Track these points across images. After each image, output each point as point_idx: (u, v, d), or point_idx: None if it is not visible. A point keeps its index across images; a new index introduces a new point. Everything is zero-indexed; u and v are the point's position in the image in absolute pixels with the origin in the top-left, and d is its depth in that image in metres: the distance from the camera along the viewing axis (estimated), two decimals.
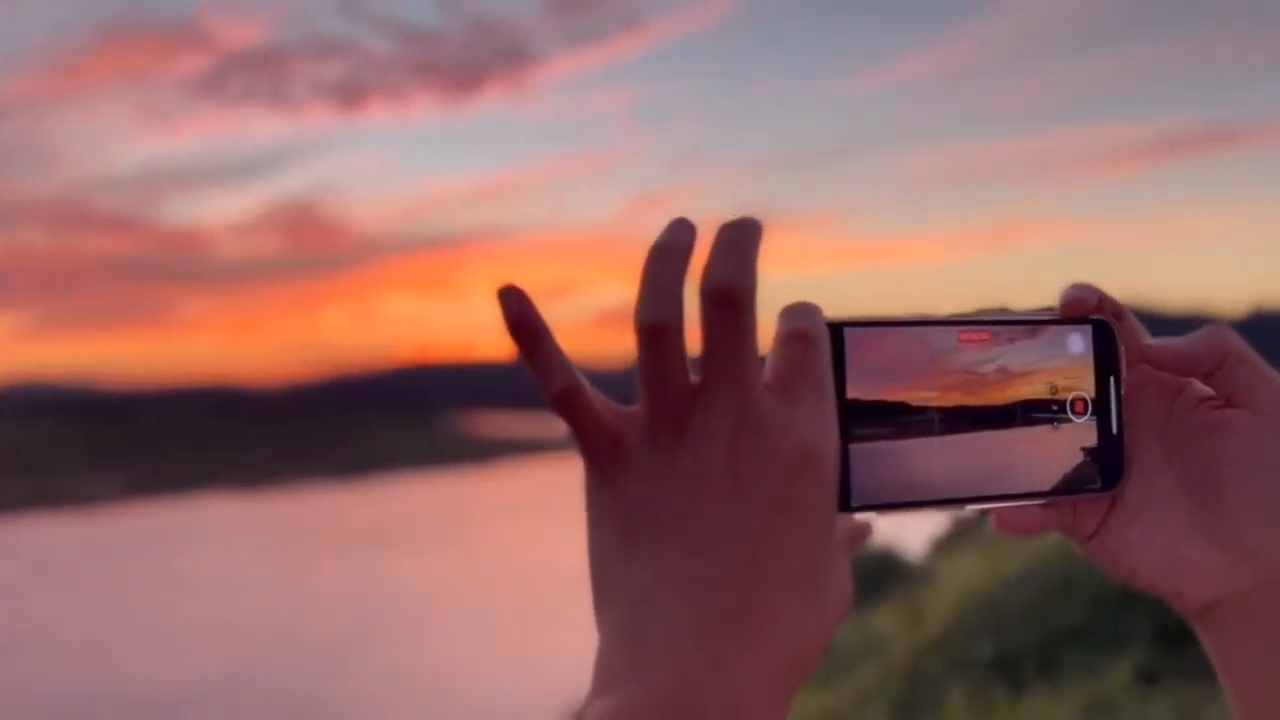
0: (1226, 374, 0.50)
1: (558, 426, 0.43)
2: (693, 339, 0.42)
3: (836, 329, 0.46)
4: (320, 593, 17.88)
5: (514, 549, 22.04)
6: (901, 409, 0.47)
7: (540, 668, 12.70)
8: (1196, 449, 0.50)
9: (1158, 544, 0.50)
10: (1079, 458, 0.50)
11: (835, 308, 0.46)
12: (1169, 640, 8.41)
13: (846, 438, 0.46)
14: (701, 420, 0.42)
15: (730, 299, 0.41)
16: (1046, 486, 0.50)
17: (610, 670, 0.41)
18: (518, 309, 0.42)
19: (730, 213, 0.43)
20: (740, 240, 0.42)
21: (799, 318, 0.44)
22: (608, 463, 0.43)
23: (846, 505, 0.46)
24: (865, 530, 0.48)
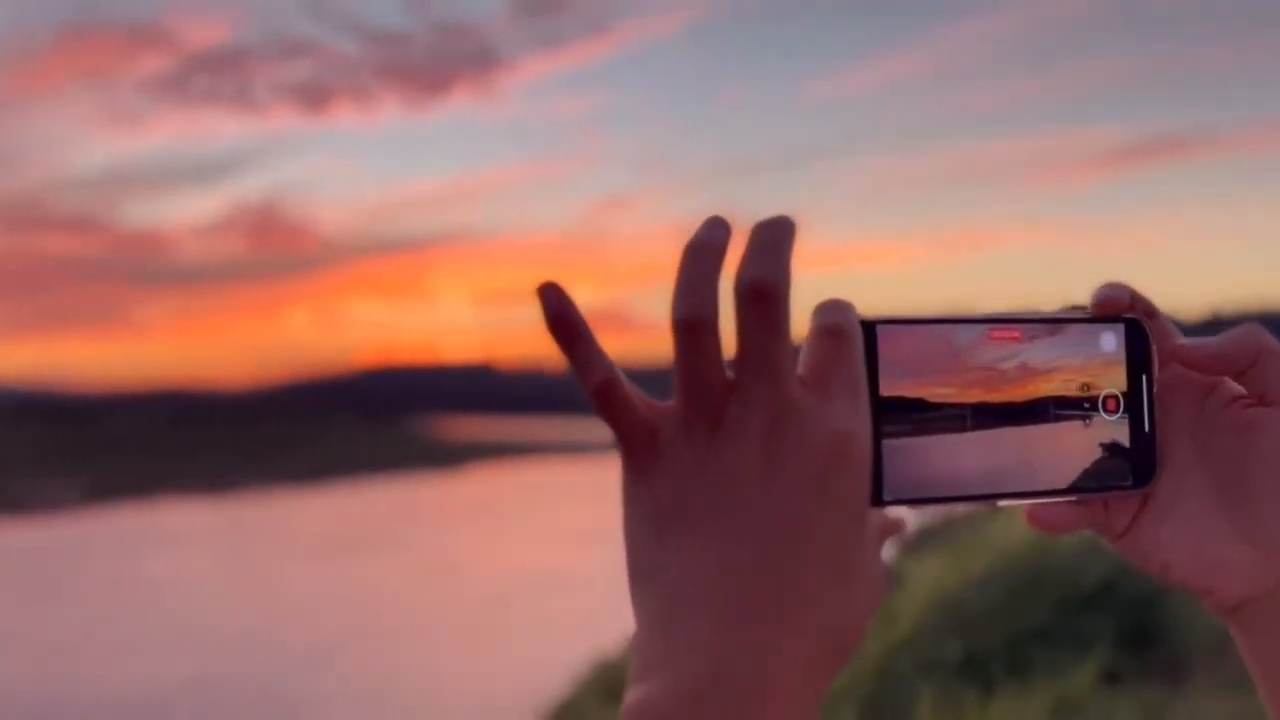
0: (1259, 372, 0.50)
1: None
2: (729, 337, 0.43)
3: (869, 326, 0.47)
4: (289, 597, 17.73)
5: (482, 554, 21.94)
6: (933, 405, 0.47)
7: (510, 672, 12.65)
8: (1228, 447, 0.50)
9: (1189, 541, 0.51)
10: (1111, 455, 0.51)
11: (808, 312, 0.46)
12: (1133, 641, 8.51)
13: (879, 433, 0.46)
14: (737, 414, 0.43)
15: (764, 295, 0.42)
16: (1077, 483, 0.50)
17: (646, 659, 0.42)
18: (557, 306, 0.43)
19: (701, 216, 0.44)
20: (774, 239, 0.43)
21: (832, 314, 0.45)
22: (644, 456, 0.44)
23: (879, 500, 0.46)
24: (899, 524, 0.49)
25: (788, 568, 0.42)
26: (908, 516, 0.49)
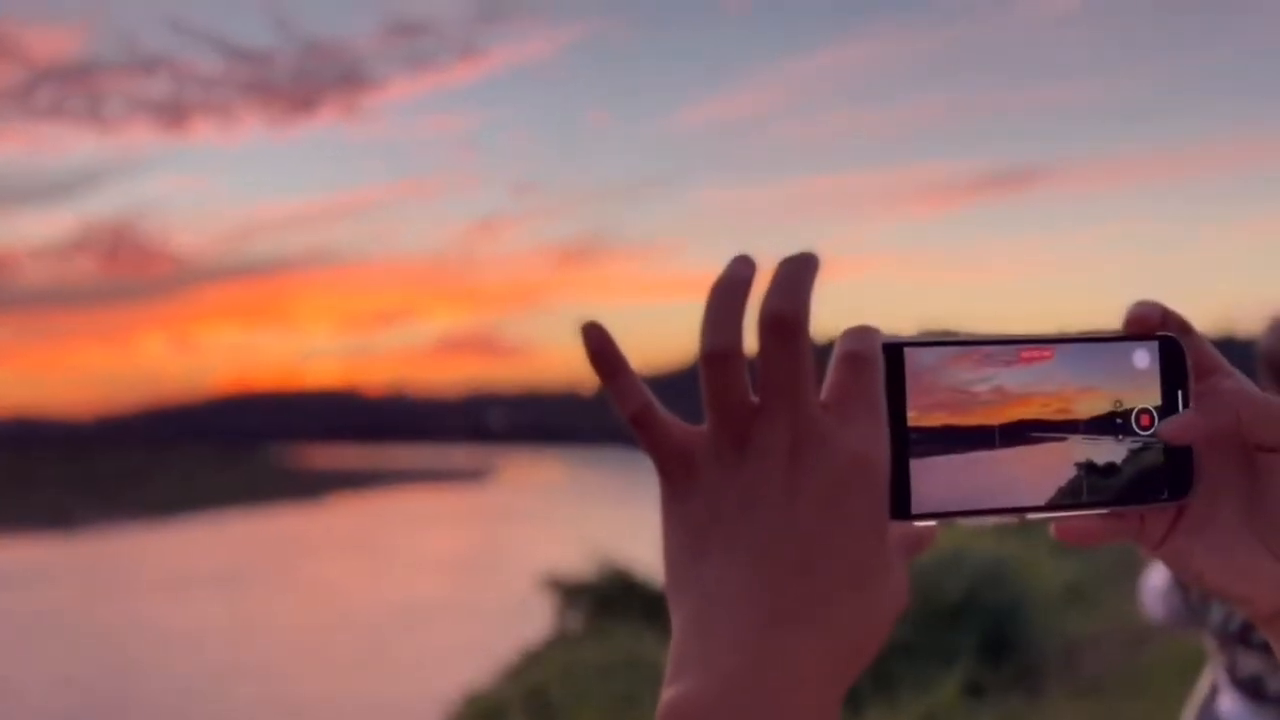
0: (1260, 432, 0.52)
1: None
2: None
3: (896, 347, 0.49)
4: (156, 634, 17.02)
5: (352, 586, 21.47)
6: (963, 423, 0.49)
7: (386, 704, 12.40)
8: (1259, 464, 0.53)
9: (1222, 553, 0.53)
10: (1145, 469, 0.52)
11: (666, 339, 0.46)
12: (994, 654, 8.82)
13: (908, 450, 0.48)
14: (761, 436, 0.47)
15: (785, 326, 0.46)
16: (1111, 497, 0.52)
17: (682, 660, 0.46)
18: (597, 342, 0.47)
19: (571, 240, 0.46)
20: (796, 274, 0.47)
21: (854, 340, 0.49)
22: (678, 476, 0.48)
23: (906, 515, 0.49)
24: (928, 537, 0.51)
25: (809, 578, 0.46)
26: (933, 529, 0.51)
